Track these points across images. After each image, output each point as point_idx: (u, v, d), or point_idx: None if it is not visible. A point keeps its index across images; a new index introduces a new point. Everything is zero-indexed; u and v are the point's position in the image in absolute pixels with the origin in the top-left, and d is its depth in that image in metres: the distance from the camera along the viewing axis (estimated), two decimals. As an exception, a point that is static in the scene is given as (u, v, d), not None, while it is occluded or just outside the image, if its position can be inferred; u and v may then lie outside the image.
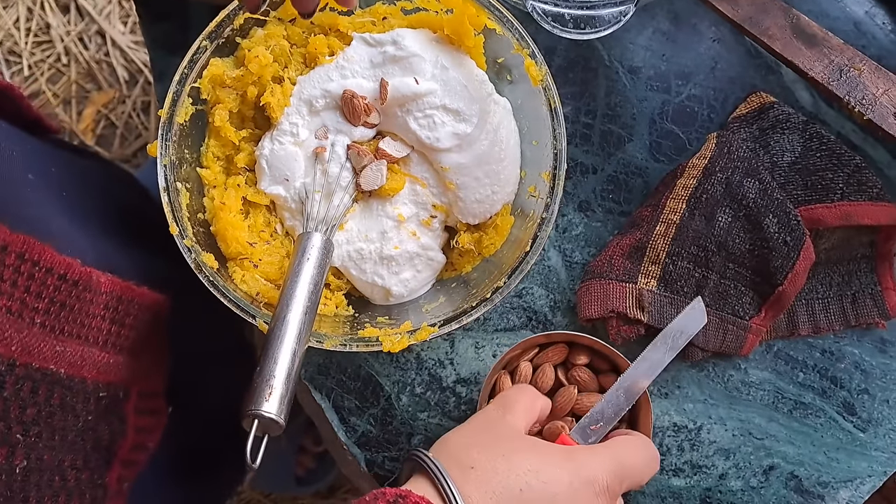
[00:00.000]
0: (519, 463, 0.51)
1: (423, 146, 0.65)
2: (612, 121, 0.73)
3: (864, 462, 0.70)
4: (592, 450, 0.54)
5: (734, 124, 0.72)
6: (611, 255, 0.69)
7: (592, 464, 0.52)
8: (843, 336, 0.72)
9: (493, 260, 0.67)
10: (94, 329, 0.56)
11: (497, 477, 0.50)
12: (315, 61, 0.66)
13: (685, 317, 0.62)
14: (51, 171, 0.65)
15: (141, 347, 0.62)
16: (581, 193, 0.73)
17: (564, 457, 0.52)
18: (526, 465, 0.50)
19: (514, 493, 0.49)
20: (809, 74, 0.66)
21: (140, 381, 0.62)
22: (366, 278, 0.66)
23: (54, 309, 0.53)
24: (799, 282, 0.68)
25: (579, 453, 0.53)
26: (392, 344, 0.61)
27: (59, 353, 0.53)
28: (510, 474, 0.50)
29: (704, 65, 0.74)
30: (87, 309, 0.55)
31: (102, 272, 0.57)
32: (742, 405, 0.71)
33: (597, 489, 0.51)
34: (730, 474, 0.70)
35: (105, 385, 0.57)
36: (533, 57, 0.64)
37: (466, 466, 0.50)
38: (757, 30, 0.66)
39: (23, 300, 0.50)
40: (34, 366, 0.51)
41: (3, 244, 0.49)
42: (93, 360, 0.56)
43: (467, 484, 0.49)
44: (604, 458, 0.53)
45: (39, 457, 0.51)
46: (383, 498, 0.47)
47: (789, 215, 0.67)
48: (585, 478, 0.51)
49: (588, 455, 0.53)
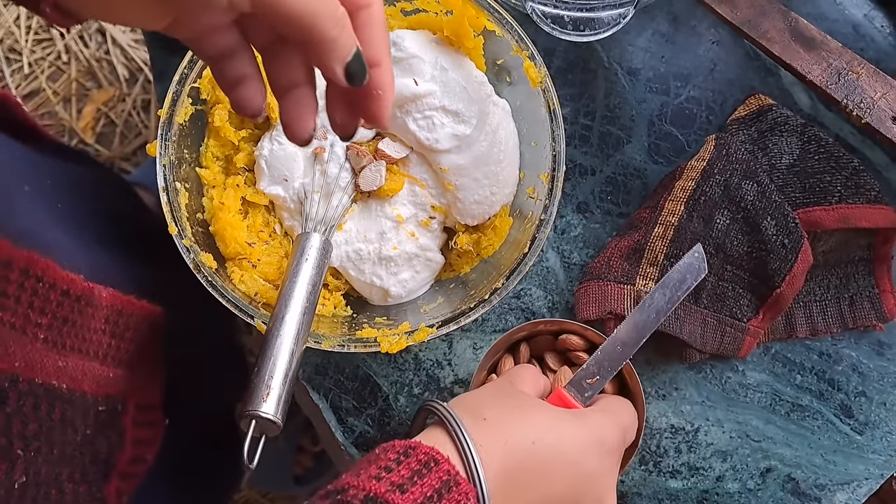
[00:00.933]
0: (532, 418, 0.51)
1: (423, 147, 0.65)
2: (610, 122, 0.73)
3: (860, 464, 0.70)
4: (597, 412, 0.56)
5: (733, 126, 0.72)
6: (609, 257, 0.69)
7: (602, 425, 0.54)
8: (841, 338, 0.72)
9: (491, 261, 0.67)
10: (95, 343, 0.56)
11: (510, 428, 0.50)
12: (314, 62, 0.66)
13: (684, 265, 0.60)
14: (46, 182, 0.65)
15: (138, 360, 0.62)
16: (579, 195, 0.73)
17: (575, 415, 0.53)
18: (538, 420, 0.51)
19: (527, 444, 0.49)
20: (808, 78, 0.66)
21: (137, 394, 0.62)
22: (364, 279, 0.66)
23: (57, 324, 0.53)
24: (797, 284, 0.68)
25: (589, 415, 0.55)
26: (390, 345, 0.61)
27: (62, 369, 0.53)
28: (523, 426, 0.50)
29: (703, 67, 0.74)
30: (89, 324, 0.55)
31: (104, 286, 0.57)
32: (739, 407, 0.71)
33: (604, 448, 0.53)
34: (727, 476, 0.70)
35: (104, 398, 0.58)
36: (532, 59, 0.64)
37: (479, 418, 0.50)
38: (756, 33, 0.67)
39: (26, 316, 0.50)
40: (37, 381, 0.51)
41: (7, 260, 0.49)
42: (93, 374, 0.56)
43: (480, 433, 0.49)
44: (611, 420, 0.55)
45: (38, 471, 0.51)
46: (392, 450, 0.46)
47: (787, 218, 0.68)
48: (595, 437, 0.52)
49: (598, 416, 0.55)
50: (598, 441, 0.52)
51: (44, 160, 0.68)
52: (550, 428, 0.51)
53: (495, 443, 0.49)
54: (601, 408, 0.57)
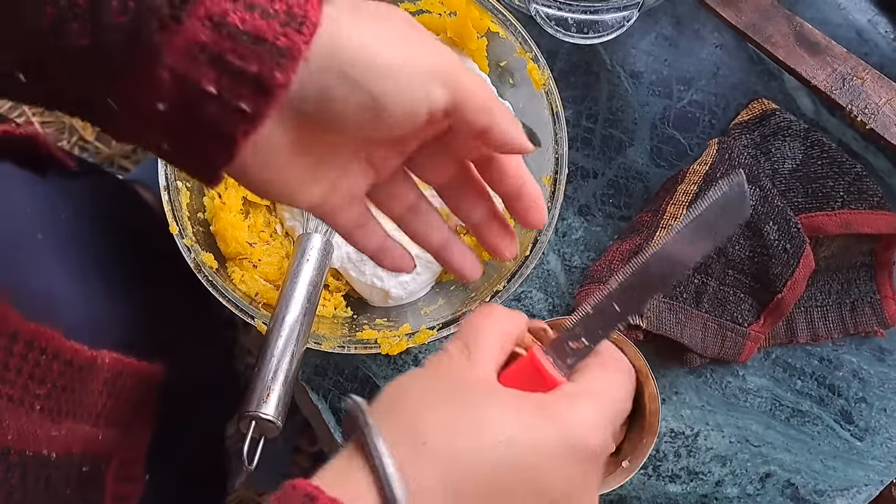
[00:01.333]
0: (488, 432, 0.39)
1: (425, 148, 0.64)
2: (613, 125, 0.73)
3: (860, 471, 0.70)
4: (577, 402, 0.41)
5: (735, 130, 0.72)
6: (610, 260, 0.69)
7: (583, 423, 0.40)
8: (842, 344, 0.72)
9: (492, 263, 0.67)
10: (90, 406, 0.55)
11: (460, 455, 0.38)
12: (317, 62, 0.66)
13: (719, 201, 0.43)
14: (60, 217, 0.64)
15: (131, 418, 0.61)
16: (581, 197, 0.73)
17: (545, 415, 0.40)
18: (496, 432, 0.39)
19: (483, 473, 0.38)
20: (812, 83, 0.66)
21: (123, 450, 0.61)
22: (365, 280, 0.66)
23: (56, 393, 0.52)
24: (798, 289, 0.68)
25: (564, 409, 0.41)
26: (390, 346, 0.61)
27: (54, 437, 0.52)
28: (477, 449, 0.39)
29: (706, 70, 0.74)
30: (88, 388, 0.55)
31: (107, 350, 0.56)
32: (739, 412, 0.71)
33: (581, 455, 0.40)
34: (726, 481, 0.70)
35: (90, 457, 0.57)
36: (536, 61, 0.64)
37: (419, 441, 0.39)
38: (760, 37, 0.66)
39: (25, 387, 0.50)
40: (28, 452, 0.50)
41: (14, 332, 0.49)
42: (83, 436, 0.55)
43: (420, 465, 0.38)
44: (595, 413, 0.41)
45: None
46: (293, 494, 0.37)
47: (790, 223, 0.67)
48: (573, 443, 0.40)
49: (575, 411, 0.41)
50: (571, 448, 0.40)
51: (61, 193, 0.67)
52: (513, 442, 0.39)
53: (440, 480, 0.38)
54: (584, 389, 0.43)
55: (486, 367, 0.43)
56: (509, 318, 0.46)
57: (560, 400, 0.41)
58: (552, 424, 0.40)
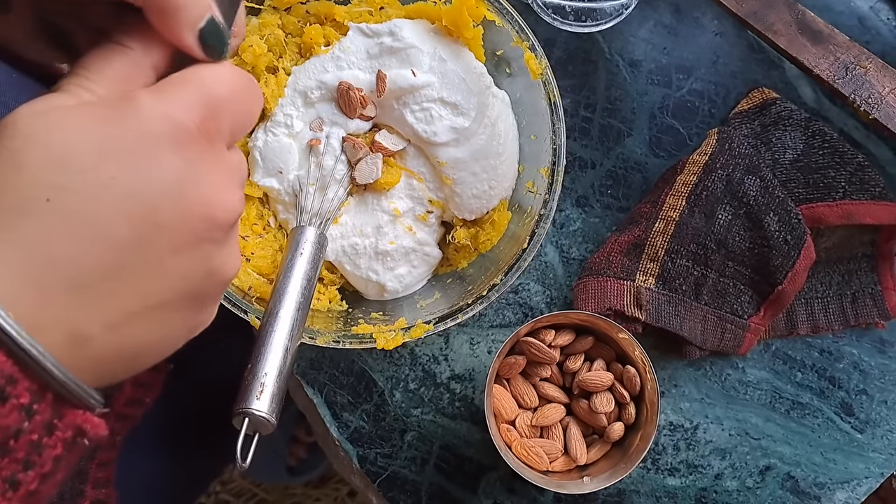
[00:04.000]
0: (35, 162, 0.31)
1: (420, 140, 0.64)
2: (611, 115, 0.72)
3: (861, 463, 0.70)
4: (158, 89, 0.34)
5: (735, 120, 0.71)
6: (609, 252, 0.68)
7: (162, 107, 0.33)
8: (843, 336, 0.71)
9: (489, 256, 0.66)
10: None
11: (4, 199, 0.30)
12: (310, 51, 0.65)
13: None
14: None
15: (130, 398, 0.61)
16: (579, 188, 0.72)
17: (112, 115, 0.32)
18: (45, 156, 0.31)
19: (37, 209, 0.30)
20: (815, 72, 0.65)
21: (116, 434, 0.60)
22: (360, 273, 0.65)
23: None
24: (799, 281, 0.67)
25: (137, 102, 0.33)
26: (386, 341, 0.60)
27: None
28: (24, 183, 0.31)
29: (706, 59, 0.73)
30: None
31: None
32: (739, 405, 0.70)
33: (182, 138, 0.33)
34: (726, 474, 0.70)
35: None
36: (533, 49, 0.63)
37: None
38: (761, 25, 0.65)
39: None
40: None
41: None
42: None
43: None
44: (180, 93, 0.34)
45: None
46: None
47: (790, 213, 0.67)
48: (154, 132, 0.32)
49: (152, 98, 0.33)
50: (157, 135, 0.32)
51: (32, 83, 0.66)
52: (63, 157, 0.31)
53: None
54: (167, 80, 0.35)
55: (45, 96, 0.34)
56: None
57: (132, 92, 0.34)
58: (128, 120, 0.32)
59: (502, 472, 0.69)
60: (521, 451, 0.63)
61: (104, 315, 0.32)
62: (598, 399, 0.64)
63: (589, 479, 0.63)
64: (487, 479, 0.69)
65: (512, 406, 0.65)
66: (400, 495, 0.69)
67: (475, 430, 0.70)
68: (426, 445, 0.69)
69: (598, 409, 0.63)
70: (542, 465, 0.63)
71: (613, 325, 0.62)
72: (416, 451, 0.70)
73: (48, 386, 0.31)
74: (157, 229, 0.32)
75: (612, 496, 0.69)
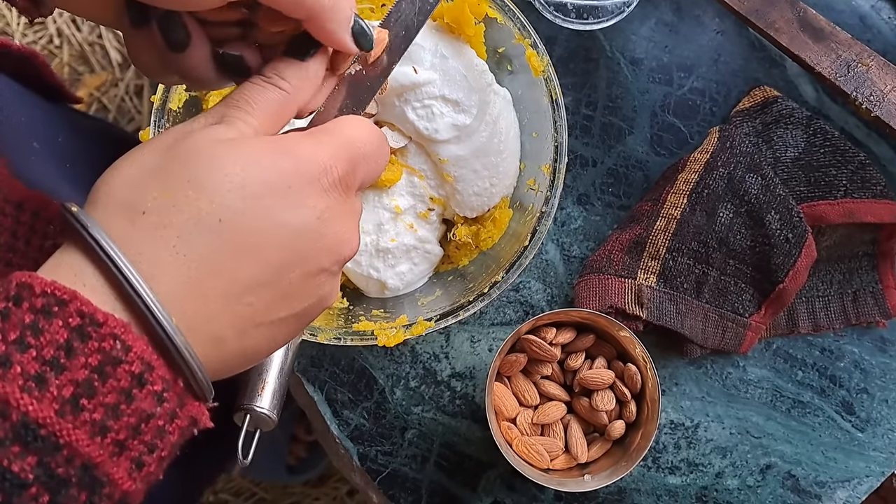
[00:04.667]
0: (214, 185, 0.36)
1: (421, 137, 0.63)
2: (612, 113, 0.72)
3: (861, 462, 0.70)
4: (315, 137, 0.40)
5: (737, 118, 0.71)
6: (610, 250, 0.68)
7: (318, 155, 0.39)
8: (843, 335, 0.71)
9: (490, 253, 0.66)
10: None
11: (182, 215, 0.35)
12: (311, 48, 0.65)
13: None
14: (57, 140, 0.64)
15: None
16: (580, 186, 0.72)
17: (279, 154, 0.38)
18: (224, 184, 0.36)
19: (211, 226, 0.35)
20: (816, 69, 0.65)
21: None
22: (361, 271, 0.65)
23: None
24: (800, 279, 0.67)
25: (298, 144, 0.39)
26: (387, 338, 0.60)
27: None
28: (202, 204, 0.35)
29: (707, 57, 0.73)
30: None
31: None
32: (740, 403, 0.70)
33: (326, 183, 0.39)
34: (726, 473, 0.70)
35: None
36: (534, 47, 0.63)
37: (136, 211, 0.35)
38: (763, 22, 0.65)
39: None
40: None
41: (20, 201, 0.48)
42: None
43: (138, 235, 0.35)
44: (332, 144, 0.40)
45: None
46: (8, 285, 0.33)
47: (791, 212, 0.67)
48: (310, 174, 0.38)
49: (311, 145, 0.39)
50: (310, 177, 0.38)
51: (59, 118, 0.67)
52: (245, 190, 0.36)
53: (161, 241, 0.35)
54: (321, 129, 0.41)
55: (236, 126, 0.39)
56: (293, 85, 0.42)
57: (300, 137, 0.39)
58: (289, 160, 0.38)
59: (503, 470, 0.69)
60: (522, 448, 0.63)
61: (239, 323, 0.36)
62: (598, 397, 0.64)
63: (589, 477, 0.63)
64: (488, 476, 0.69)
65: (513, 404, 0.65)
66: (400, 493, 0.69)
67: (476, 427, 0.70)
68: (427, 443, 0.69)
69: (598, 407, 0.63)
70: (542, 463, 0.63)
71: (614, 323, 0.62)
72: (417, 448, 0.69)
73: (178, 377, 0.35)
74: (297, 256, 0.37)
75: (613, 494, 0.69)
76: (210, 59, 0.42)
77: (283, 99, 0.41)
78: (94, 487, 0.32)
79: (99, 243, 0.34)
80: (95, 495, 0.32)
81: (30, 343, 0.32)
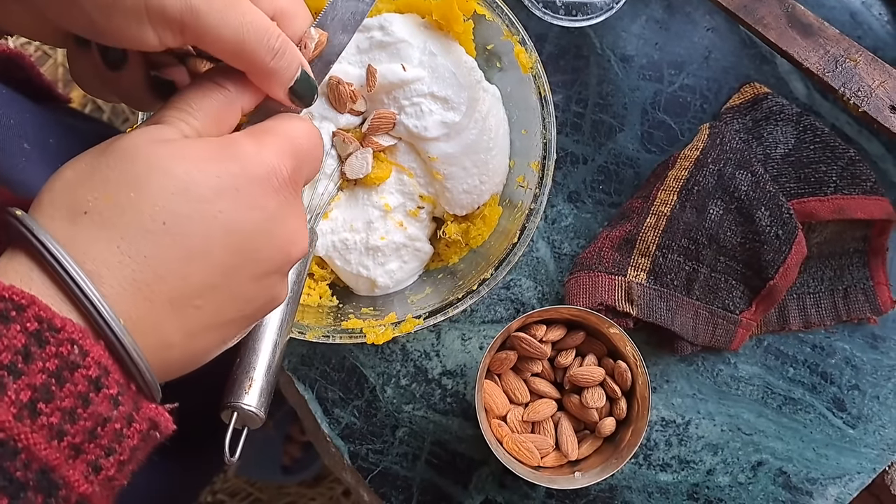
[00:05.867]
0: (156, 187, 0.35)
1: (411, 135, 0.63)
2: (603, 110, 0.72)
3: (853, 458, 0.70)
4: (257, 137, 0.40)
5: (727, 115, 0.71)
6: (600, 247, 0.68)
7: (263, 155, 0.39)
8: (835, 331, 0.71)
9: (480, 251, 0.66)
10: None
11: (124, 216, 0.35)
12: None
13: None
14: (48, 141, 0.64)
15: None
16: (571, 184, 0.71)
17: (222, 156, 0.37)
18: (167, 187, 0.35)
19: (155, 229, 0.35)
20: (804, 65, 0.65)
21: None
22: (350, 269, 0.65)
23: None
24: (790, 276, 0.67)
25: (242, 146, 0.38)
26: (376, 336, 0.60)
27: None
28: (144, 206, 0.35)
29: (698, 54, 0.73)
30: None
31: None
32: (731, 400, 0.70)
33: (276, 183, 0.39)
34: (718, 470, 0.69)
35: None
36: (523, 44, 0.63)
37: (78, 212, 0.35)
38: (752, 18, 0.65)
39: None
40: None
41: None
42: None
43: (81, 234, 0.35)
44: (276, 144, 0.40)
45: None
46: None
47: (782, 208, 0.66)
48: (257, 175, 0.38)
49: (255, 145, 0.39)
50: (258, 178, 0.38)
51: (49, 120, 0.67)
52: (188, 193, 0.36)
53: (105, 243, 0.34)
54: (260, 128, 0.41)
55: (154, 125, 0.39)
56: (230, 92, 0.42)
57: (243, 138, 0.39)
58: (234, 163, 0.37)
59: (494, 468, 0.69)
60: (513, 446, 0.63)
61: (187, 326, 0.37)
62: (589, 394, 0.63)
63: (580, 474, 0.63)
64: (479, 474, 0.69)
65: (503, 401, 0.64)
66: (391, 491, 0.69)
67: (467, 425, 0.69)
68: (418, 441, 0.69)
69: (589, 405, 0.63)
70: (533, 460, 0.63)
71: (605, 321, 0.62)
72: (408, 446, 0.69)
73: (130, 381, 0.35)
74: (247, 259, 0.38)
75: (604, 491, 0.69)
76: (144, 80, 0.43)
77: (227, 100, 0.40)
78: (50, 491, 0.32)
79: (43, 244, 0.34)
80: (52, 498, 0.32)
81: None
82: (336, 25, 0.46)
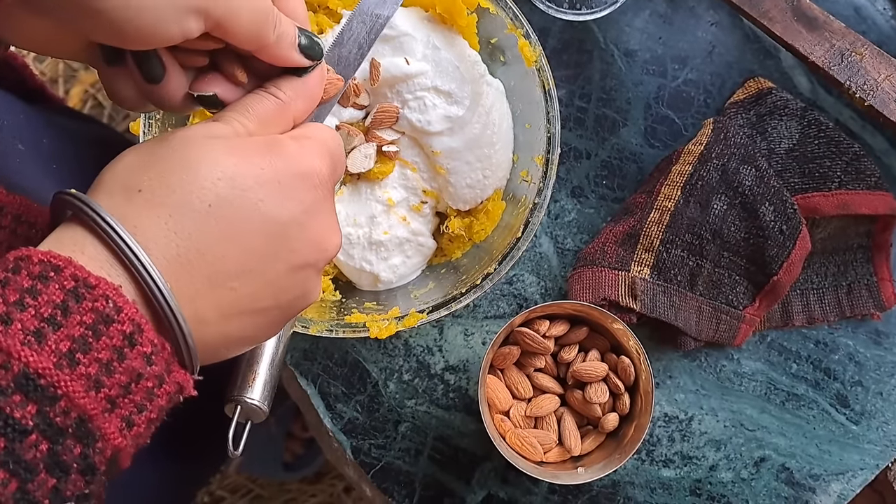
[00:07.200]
0: (205, 172, 0.39)
1: (414, 129, 0.63)
2: (606, 105, 0.72)
3: (856, 455, 0.69)
4: (298, 140, 0.43)
5: (731, 110, 0.71)
6: (603, 243, 0.68)
7: (306, 155, 0.42)
8: (838, 327, 0.71)
9: (483, 246, 0.66)
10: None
11: (174, 195, 0.38)
12: (303, 39, 0.64)
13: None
14: (42, 142, 0.64)
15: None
16: (574, 179, 0.71)
17: (268, 152, 0.41)
18: (215, 172, 0.39)
19: (201, 209, 0.38)
20: (810, 59, 0.64)
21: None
22: (353, 264, 0.65)
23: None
24: (794, 271, 0.67)
25: (286, 145, 0.42)
26: (379, 330, 0.60)
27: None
28: (193, 188, 0.38)
29: (701, 49, 0.72)
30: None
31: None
32: (734, 396, 0.70)
33: (316, 181, 0.42)
34: (720, 466, 0.69)
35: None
36: (527, 37, 0.63)
37: (133, 190, 0.38)
38: (756, 12, 0.65)
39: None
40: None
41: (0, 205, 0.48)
42: None
43: (133, 210, 0.38)
44: (314, 146, 0.43)
45: None
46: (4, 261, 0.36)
47: (786, 203, 0.66)
48: (299, 171, 0.41)
49: (297, 146, 0.42)
50: (299, 174, 0.41)
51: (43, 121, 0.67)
52: (234, 180, 0.39)
53: (156, 218, 0.37)
54: (300, 133, 0.44)
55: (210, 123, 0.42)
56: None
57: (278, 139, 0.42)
58: (279, 159, 0.41)
59: (496, 463, 0.69)
60: (515, 441, 0.63)
61: (222, 306, 0.39)
62: (592, 389, 0.63)
63: (583, 469, 0.62)
64: (481, 469, 0.69)
65: (506, 396, 0.64)
66: (394, 486, 0.69)
67: (469, 420, 0.69)
68: (420, 436, 0.69)
69: (592, 400, 0.63)
70: (536, 455, 0.63)
71: (608, 316, 0.62)
72: (410, 442, 0.69)
73: (166, 342, 0.37)
74: (282, 248, 0.40)
75: (607, 487, 0.69)
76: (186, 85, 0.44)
77: (279, 107, 0.43)
78: (87, 440, 0.34)
79: (100, 214, 0.36)
80: (89, 448, 0.34)
81: (28, 303, 0.34)
82: (352, 45, 0.49)
